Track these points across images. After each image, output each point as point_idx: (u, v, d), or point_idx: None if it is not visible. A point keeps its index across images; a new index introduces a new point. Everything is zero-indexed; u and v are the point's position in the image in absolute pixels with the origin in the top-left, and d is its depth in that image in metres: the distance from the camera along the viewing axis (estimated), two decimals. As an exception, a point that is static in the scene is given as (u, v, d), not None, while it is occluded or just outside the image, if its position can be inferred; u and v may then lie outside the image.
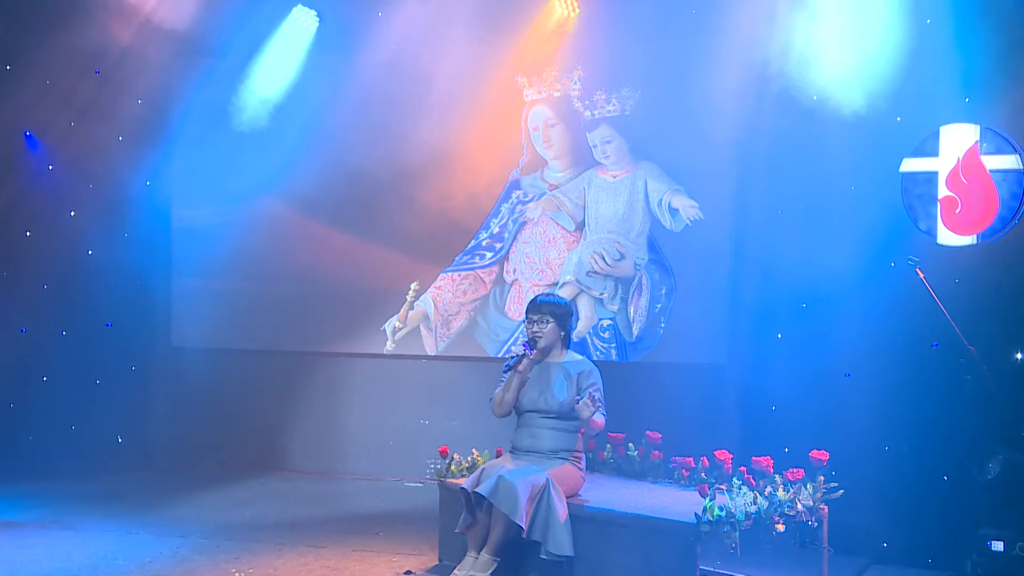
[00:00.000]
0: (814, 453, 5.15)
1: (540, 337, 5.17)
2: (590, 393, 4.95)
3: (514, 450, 5.24)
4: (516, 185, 7.83)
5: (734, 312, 6.98)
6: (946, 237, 5.78)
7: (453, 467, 5.67)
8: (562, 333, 5.21)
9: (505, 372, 5.15)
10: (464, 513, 4.98)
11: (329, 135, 7.94)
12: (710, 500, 4.71)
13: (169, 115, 8.30)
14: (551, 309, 5.19)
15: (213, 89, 8.09)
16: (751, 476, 5.21)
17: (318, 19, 7.95)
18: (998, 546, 5.18)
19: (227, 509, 6.78)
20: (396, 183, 7.86)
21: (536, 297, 5.31)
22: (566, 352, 5.27)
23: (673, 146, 7.31)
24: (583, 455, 5.26)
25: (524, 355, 5.13)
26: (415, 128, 7.76)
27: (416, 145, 7.76)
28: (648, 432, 5.89)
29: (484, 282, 7.88)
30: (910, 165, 5.89)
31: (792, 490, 4.97)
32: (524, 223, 7.78)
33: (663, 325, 7.36)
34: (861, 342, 5.94)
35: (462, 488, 4.93)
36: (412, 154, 7.78)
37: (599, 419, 5.00)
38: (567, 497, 5.00)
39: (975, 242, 5.73)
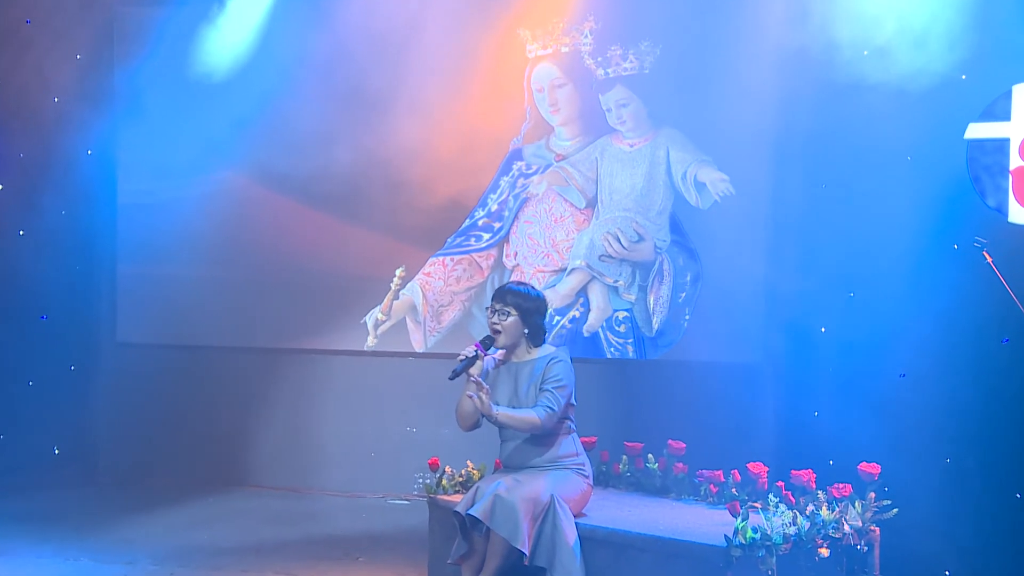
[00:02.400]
0: (863, 466, 5.13)
1: (499, 332, 5.12)
2: (477, 380, 4.83)
3: (506, 468, 5.22)
4: (517, 155, 7.79)
5: (770, 303, 6.95)
6: (1019, 215, 5.73)
7: (444, 482, 5.65)
8: (526, 331, 5.15)
9: (452, 377, 5.06)
10: (458, 540, 4.96)
11: (300, 97, 7.91)
12: (742, 520, 4.68)
13: (114, 73, 8.26)
14: (516, 300, 5.12)
15: (166, 43, 8.05)
16: (790, 492, 5.20)
17: (287, -39, 7.94)
18: (1079, 575, 5.17)
19: (182, 531, 6.76)
20: (378, 153, 7.82)
21: (504, 284, 5.28)
22: (536, 349, 5.21)
23: (700, 110, 7.27)
24: (587, 459, 5.22)
25: (476, 356, 5.06)
26: (399, 89, 7.73)
27: (401, 109, 7.73)
28: (670, 441, 5.87)
29: (481, 268, 7.85)
30: (977, 131, 5.83)
31: (838, 509, 4.94)
32: (527, 199, 7.75)
33: (687, 317, 7.33)
34: (918, 337, 5.90)
35: (454, 511, 4.90)
36: (396, 120, 7.75)
37: (523, 416, 4.91)
38: (575, 511, 4.98)
39: (1053, 220, 5.70)
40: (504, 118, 7.75)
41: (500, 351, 5.22)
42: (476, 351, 5.04)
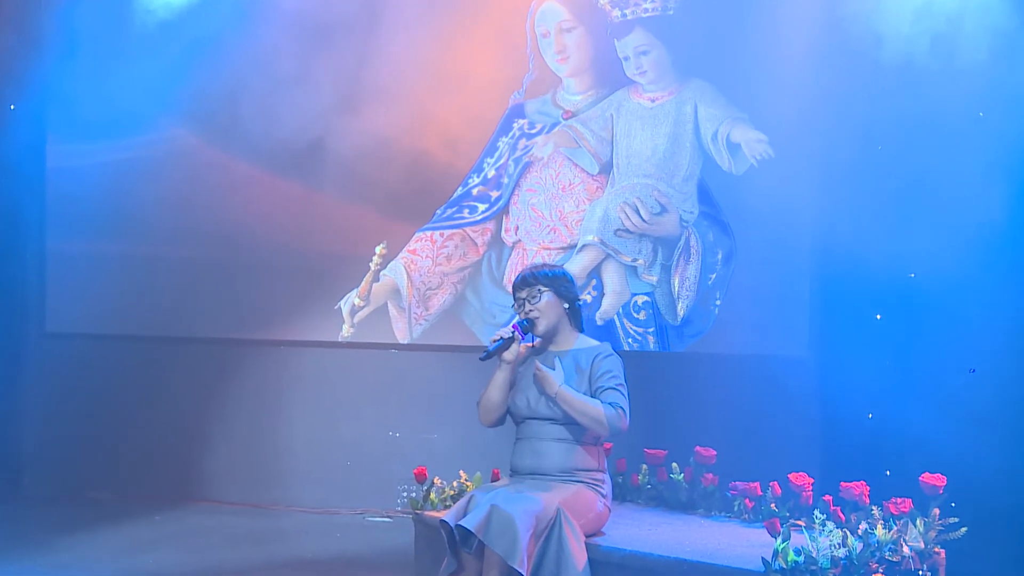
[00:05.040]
0: (926, 477, 5.12)
1: (538, 316, 5.16)
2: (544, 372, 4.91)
3: (514, 472, 5.23)
4: (519, 112, 7.78)
5: (817, 285, 6.96)
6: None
7: (433, 495, 5.66)
8: (566, 305, 5.20)
9: (483, 358, 5.13)
10: (447, 557, 4.96)
11: (264, 42, 7.91)
12: (783, 541, 4.68)
13: (41, 12, 8.22)
14: (542, 279, 5.17)
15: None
16: (839, 508, 5.20)
17: None
18: None
19: (124, 553, 6.76)
20: (354, 109, 7.82)
21: (522, 271, 5.30)
22: (577, 336, 5.26)
23: (733, 58, 7.27)
24: (607, 477, 5.24)
25: (512, 338, 5.12)
26: (380, 35, 7.73)
27: (382, 57, 7.74)
28: (698, 448, 5.88)
29: (475, 244, 7.85)
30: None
31: (896, 528, 4.94)
32: (529, 164, 7.74)
33: (718, 303, 7.34)
34: (991, 326, 5.91)
35: (442, 521, 4.91)
36: (376, 70, 7.75)
37: (589, 403, 4.94)
38: (586, 534, 4.98)
39: None
40: (503, 68, 7.74)
41: (537, 340, 5.26)
42: (513, 332, 5.10)
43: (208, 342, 8.24)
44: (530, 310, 5.16)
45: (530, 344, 5.30)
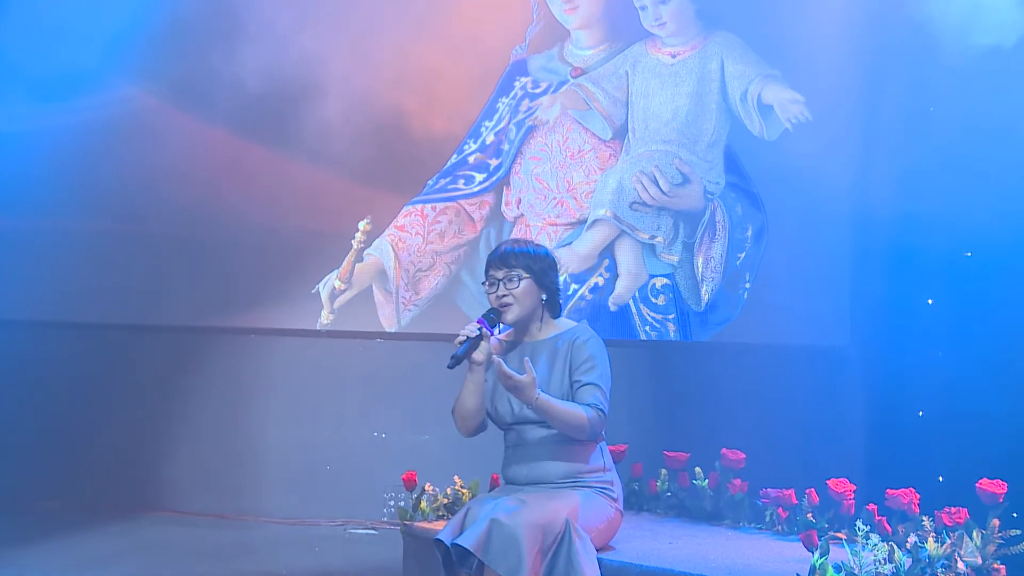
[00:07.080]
0: (984, 484, 5.12)
1: (510, 303, 5.13)
2: (501, 365, 4.86)
3: (508, 484, 5.21)
4: (521, 69, 7.79)
5: (859, 266, 6.96)
6: None
7: (424, 504, 5.67)
8: (543, 296, 5.17)
9: (451, 366, 5.08)
10: (441, 576, 4.97)
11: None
12: (821, 555, 4.68)
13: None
14: (523, 261, 5.13)
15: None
16: (885, 518, 5.20)
17: None
18: None
19: (76, 569, 6.77)
20: (334, 66, 7.82)
21: (500, 246, 5.26)
22: (554, 324, 5.23)
23: (764, 7, 7.28)
24: (616, 476, 5.22)
25: (480, 336, 5.08)
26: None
27: (365, 9, 7.68)
28: (725, 451, 5.87)
29: (472, 219, 7.84)
30: None
31: (949, 541, 4.94)
32: (534, 128, 7.74)
33: (748, 285, 7.33)
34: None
35: (436, 540, 4.91)
36: (359, 23, 7.74)
37: (570, 410, 4.89)
38: (598, 546, 4.98)
39: None
40: (503, 19, 7.75)
41: (508, 332, 5.23)
42: (480, 329, 5.05)
43: (170, 330, 8.25)
44: (503, 295, 5.12)
45: (502, 337, 5.26)
